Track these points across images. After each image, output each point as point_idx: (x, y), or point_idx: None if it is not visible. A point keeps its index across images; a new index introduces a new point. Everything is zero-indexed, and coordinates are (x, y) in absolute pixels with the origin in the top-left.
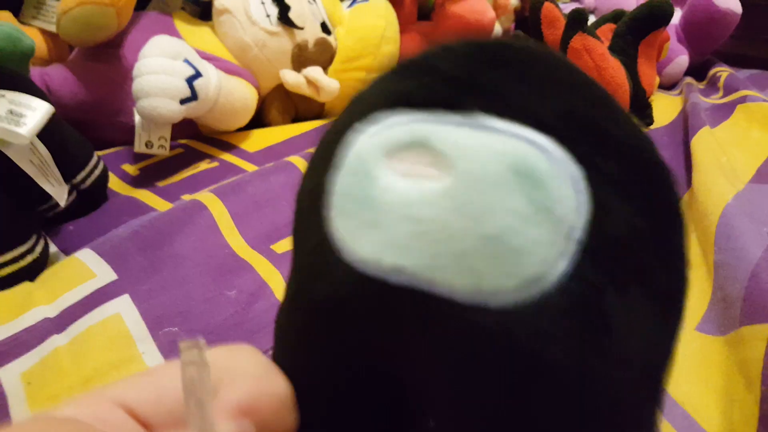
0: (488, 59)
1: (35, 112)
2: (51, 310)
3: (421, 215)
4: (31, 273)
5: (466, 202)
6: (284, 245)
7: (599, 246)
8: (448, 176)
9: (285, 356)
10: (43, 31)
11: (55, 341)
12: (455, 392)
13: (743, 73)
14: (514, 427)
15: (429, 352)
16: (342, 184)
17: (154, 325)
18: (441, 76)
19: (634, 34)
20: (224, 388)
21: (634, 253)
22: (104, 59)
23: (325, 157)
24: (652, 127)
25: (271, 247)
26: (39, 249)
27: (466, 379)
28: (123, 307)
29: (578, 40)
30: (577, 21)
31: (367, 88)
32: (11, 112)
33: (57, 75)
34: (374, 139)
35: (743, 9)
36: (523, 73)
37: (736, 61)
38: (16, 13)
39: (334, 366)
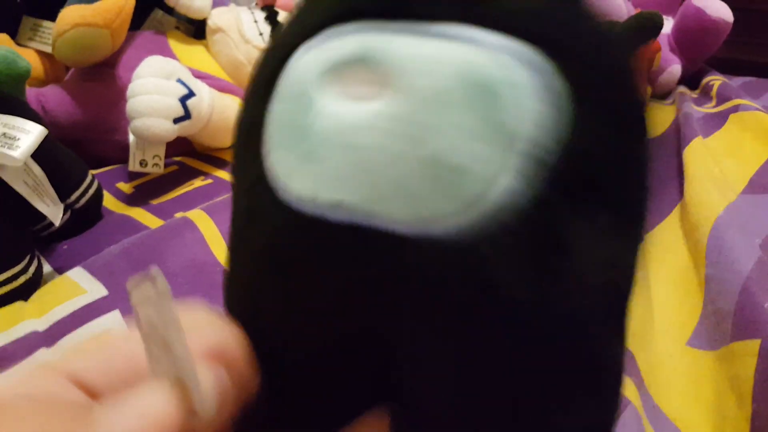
0: None
1: (29, 135)
2: (40, 324)
3: (359, 142)
4: (24, 293)
5: (408, 122)
6: None
7: (558, 161)
8: (390, 95)
9: (235, 314)
10: (40, 53)
11: (44, 355)
12: (407, 334)
13: (736, 81)
14: (471, 362)
15: (375, 292)
16: (277, 112)
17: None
18: None
19: None
20: (187, 335)
21: (597, 168)
22: (99, 79)
23: (261, 85)
24: None
25: None
26: (32, 269)
27: (416, 318)
28: (113, 322)
29: None
30: None
31: (307, 3)
32: (5, 135)
33: (53, 95)
34: (311, 57)
35: (735, 14)
36: None
37: (728, 65)
38: (13, 36)
39: (283, 317)
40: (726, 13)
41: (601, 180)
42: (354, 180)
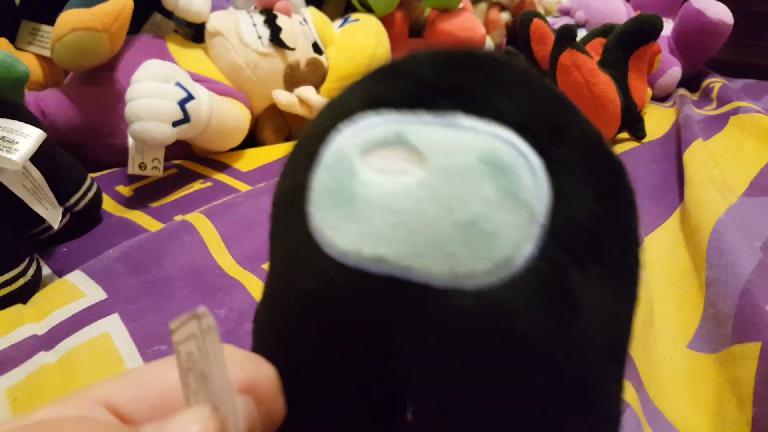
0: (454, 64)
1: (27, 138)
2: (39, 328)
3: (399, 206)
4: (23, 296)
5: (440, 192)
6: None
7: (560, 228)
8: (422, 170)
9: (267, 351)
10: (39, 57)
11: (43, 358)
12: (435, 372)
13: (737, 84)
14: (489, 397)
15: (409, 335)
16: (321, 180)
17: (143, 343)
18: (412, 79)
19: (623, 49)
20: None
21: (591, 234)
22: (98, 83)
23: (303, 157)
24: (644, 140)
25: (263, 266)
26: (31, 272)
27: (445, 358)
28: (112, 326)
29: (567, 57)
30: (565, 37)
31: (343, 92)
32: (3, 138)
33: (51, 99)
34: (351, 137)
35: (735, 16)
36: (486, 76)
37: (728, 68)
38: (12, 40)
39: (318, 356)
40: (726, 15)
41: (592, 239)
42: (395, 239)
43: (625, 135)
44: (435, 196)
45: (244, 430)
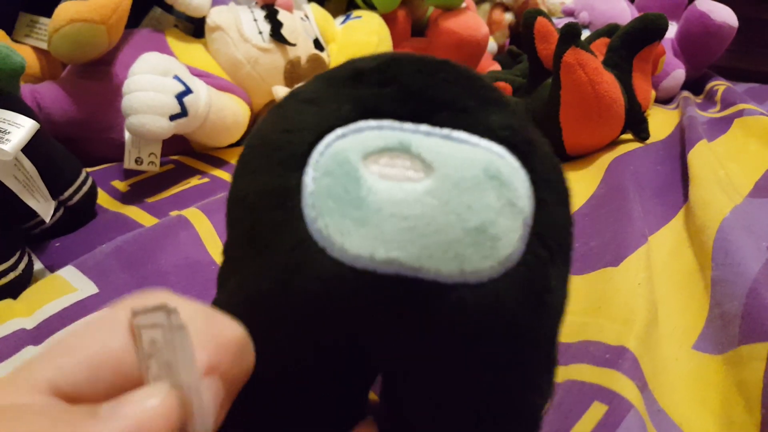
0: (438, 75)
1: (20, 129)
2: (28, 322)
3: (410, 213)
4: (13, 290)
5: (449, 200)
6: None
7: (542, 229)
8: (428, 178)
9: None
10: (36, 50)
11: (30, 352)
12: (443, 359)
13: (741, 87)
14: (484, 371)
15: (418, 325)
16: (322, 184)
17: None
18: (402, 88)
19: (628, 49)
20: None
21: (561, 233)
22: (96, 76)
23: (285, 156)
24: (648, 141)
25: None
26: (22, 266)
27: (452, 341)
28: None
29: (571, 55)
30: (570, 35)
31: (317, 89)
32: None
33: (48, 92)
34: (352, 143)
35: (738, 23)
36: (470, 90)
37: (731, 74)
38: (10, 32)
39: (315, 354)
40: (731, 18)
41: (556, 235)
42: (407, 242)
43: (628, 136)
44: (445, 204)
45: (211, 412)
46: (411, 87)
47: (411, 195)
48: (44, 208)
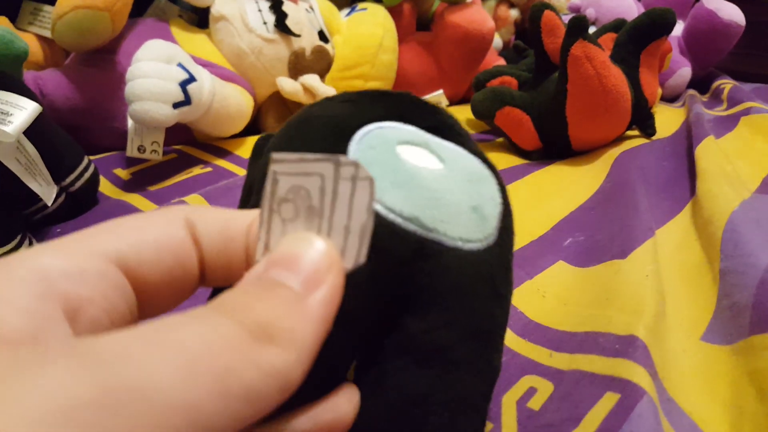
0: (441, 111)
1: (22, 111)
2: None
3: (435, 186)
4: None
5: (461, 184)
6: None
7: (505, 219)
8: (445, 168)
9: None
10: (40, 37)
11: None
12: (441, 296)
13: (748, 86)
14: (471, 318)
15: (424, 272)
16: (366, 155)
17: None
18: (418, 112)
19: (635, 43)
20: None
21: (510, 221)
22: (99, 65)
23: (328, 133)
24: (654, 137)
25: None
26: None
27: (449, 290)
28: None
29: (579, 48)
30: (577, 28)
31: (349, 97)
32: None
33: (51, 79)
34: (390, 132)
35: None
36: (448, 118)
37: (737, 77)
38: (13, 20)
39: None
40: (738, 16)
41: (510, 223)
42: (429, 207)
43: (634, 132)
44: (458, 186)
45: (366, 247)
46: (427, 107)
47: (435, 174)
48: (46, 192)
